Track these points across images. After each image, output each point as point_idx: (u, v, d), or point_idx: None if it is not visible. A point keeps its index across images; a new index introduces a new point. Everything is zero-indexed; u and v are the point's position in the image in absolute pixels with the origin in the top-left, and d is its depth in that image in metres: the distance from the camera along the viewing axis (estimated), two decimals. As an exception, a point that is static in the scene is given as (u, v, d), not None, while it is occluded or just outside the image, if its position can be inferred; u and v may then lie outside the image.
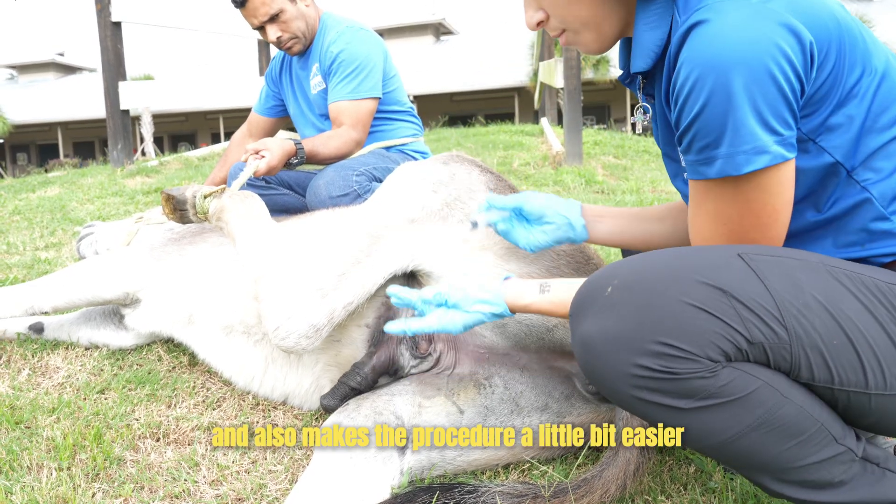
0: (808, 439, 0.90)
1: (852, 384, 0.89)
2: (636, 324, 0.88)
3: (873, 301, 0.90)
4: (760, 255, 0.92)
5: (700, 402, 0.88)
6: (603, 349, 0.90)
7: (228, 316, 1.62)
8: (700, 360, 0.86)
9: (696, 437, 0.91)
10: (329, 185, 2.16)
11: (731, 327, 0.86)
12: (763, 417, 0.89)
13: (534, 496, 1.15)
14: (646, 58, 1.05)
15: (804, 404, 0.90)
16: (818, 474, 0.91)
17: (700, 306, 0.86)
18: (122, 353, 1.87)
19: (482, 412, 1.30)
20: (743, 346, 0.87)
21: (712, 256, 0.92)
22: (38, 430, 1.46)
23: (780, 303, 0.87)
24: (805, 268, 0.91)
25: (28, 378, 1.74)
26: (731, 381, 0.88)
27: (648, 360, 0.87)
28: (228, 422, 1.55)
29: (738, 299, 0.87)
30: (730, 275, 0.89)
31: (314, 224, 1.67)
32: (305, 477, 1.20)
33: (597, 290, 0.94)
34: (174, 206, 1.70)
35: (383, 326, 1.42)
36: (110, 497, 1.25)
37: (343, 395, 1.37)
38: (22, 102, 23.75)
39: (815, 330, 0.87)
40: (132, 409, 1.58)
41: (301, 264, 1.36)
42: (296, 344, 1.31)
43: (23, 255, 2.83)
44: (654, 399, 0.89)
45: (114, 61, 4.84)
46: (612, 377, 0.90)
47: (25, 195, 4.25)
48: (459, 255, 1.36)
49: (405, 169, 1.48)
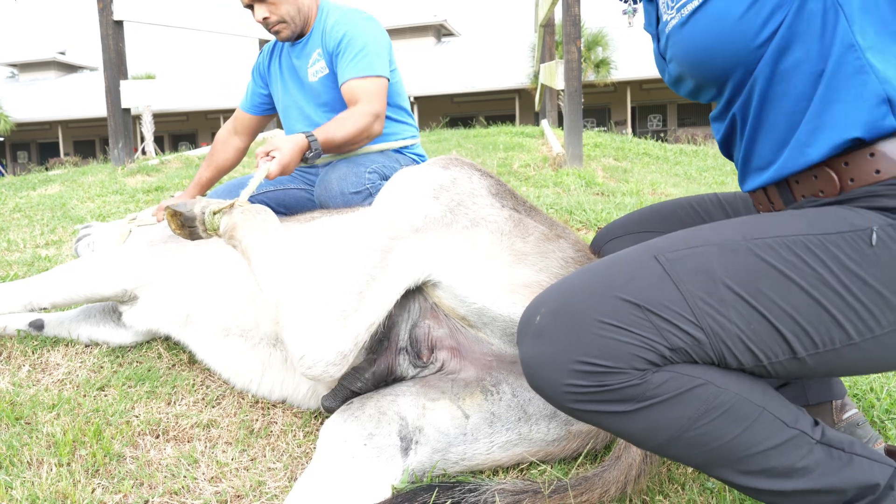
0: (753, 425, 0.92)
1: (780, 357, 0.91)
2: (562, 348, 0.93)
3: (797, 264, 0.91)
4: (675, 252, 0.95)
5: (639, 404, 0.92)
6: (539, 372, 0.96)
7: (226, 318, 1.62)
8: (626, 371, 0.90)
9: (645, 437, 0.94)
10: (342, 181, 2.12)
11: (649, 339, 0.90)
12: (703, 408, 0.91)
13: (533, 493, 1.15)
14: None
15: (741, 392, 0.92)
16: (777, 461, 0.93)
17: (617, 324, 0.91)
18: (122, 351, 1.87)
19: (488, 418, 1.29)
20: (666, 353, 0.91)
21: (630, 265, 0.96)
22: (39, 426, 1.46)
23: (693, 306, 0.91)
24: (721, 254, 0.94)
25: (28, 374, 1.75)
26: (664, 383, 0.91)
27: (577, 379, 0.92)
28: (228, 419, 1.55)
29: (653, 311, 0.91)
30: (645, 284, 0.93)
31: (324, 237, 1.64)
32: (306, 474, 1.20)
33: (530, 318, 0.99)
34: (181, 222, 1.66)
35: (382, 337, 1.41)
36: (110, 493, 1.25)
37: (344, 397, 1.37)
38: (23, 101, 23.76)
39: (732, 322, 0.90)
40: (132, 406, 1.58)
41: (320, 286, 1.32)
42: (323, 372, 1.27)
43: (23, 252, 2.83)
44: (595, 408, 0.93)
45: (115, 60, 4.85)
46: (552, 395, 0.95)
47: (26, 193, 4.25)
48: (468, 265, 1.33)
49: (404, 175, 1.45)
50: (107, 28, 4.80)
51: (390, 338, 1.41)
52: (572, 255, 1.39)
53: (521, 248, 1.36)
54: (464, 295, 1.31)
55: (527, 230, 1.40)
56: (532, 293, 1.30)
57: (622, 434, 0.96)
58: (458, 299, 1.32)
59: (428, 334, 1.38)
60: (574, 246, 1.42)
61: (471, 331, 1.35)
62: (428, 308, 1.39)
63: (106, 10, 4.78)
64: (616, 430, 0.96)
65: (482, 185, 1.44)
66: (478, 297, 1.31)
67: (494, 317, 1.30)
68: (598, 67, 17.75)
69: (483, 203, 1.41)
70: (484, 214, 1.39)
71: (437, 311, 1.39)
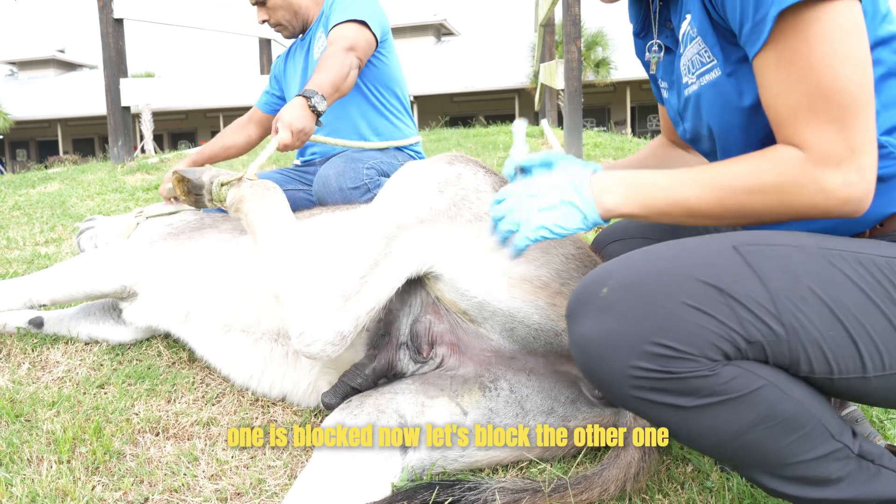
0: (806, 435, 0.90)
1: (850, 371, 0.89)
2: (633, 325, 0.87)
3: (871, 282, 0.89)
4: (756, 246, 0.91)
5: (702, 400, 0.88)
6: (600, 352, 0.90)
7: (227, 314, 1.62)
8: (698, 359, 0.86)
9: (699, 434, 0.91)
10: (340, 177, 2.13)
11: (729, 327, 0.86)
12: (765, 413, 0.89)
13: (533, 492, 1.15)
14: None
15: (804, 400, 0.90)
16: (815, 471, 0.92)
17: (697, 306, 0.86)
18: (122, 349, 1.88)
19: (486, 414, 1.30)
20: (741, 346, 0.87)
21: (709, 251, 0.91)
22: (38, 424, 1.46)
23: (776, 299, 0.87)
24: (801, 255, 0.90)
25: (28, 372, 1.75)
26: (732, 379, 0.87)
27: (646, 362, 0.87)
28: (228, 417, 1.55)
29: (735, 298, 0.86)
30: (726, 272, 0.88)
31: (328, 223, 1.65)
32: (306, 472, 1.21)
33: (593, 291, 0.92)
34: (188, 188, 1.64)
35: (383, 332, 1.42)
36: (110, 490, 1.25)
37: (344, 394, 1.37)
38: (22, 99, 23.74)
39: (812, 323, 0.87)
40: (132, 404, 1.58)
41: (324, 266, 1.33)
42: (321, 351, 1.27)
43: (22, 250, 2.83)
44: (655, 398, 0.89)
45: (115, 58, 4.85)
46: (612, 378, 0.90)
47: (25, 191, 4.25)
48: (470, 258, 1.34)
49: (410, 169, 1.46)
50: (107, 26, 4.80)
51: (391, 333, 1.41)
52: (573, 252, 1.39)
53: None
54: (465, 288, 1.32)
55: None
56: (533, 288, 1.31)
57: (676, 431, 0.93)
58: (459, 293, 1.33)
59: (429, 329, 1.39)
60: (575, 244, 1.43)
61: (471, 326, 1.36)
62: (430, 302, 1.40)
63: (106, 8, 4.78)
64: (670, 425, 0.92)
65: (486, 181, 1.45)
66: (479, 290, 1.31)
67: (494, 311, 1.31)
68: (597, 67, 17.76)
69: (487, 199, 1.41)
70: (487, 209, 1.40)
71: (438, 306, 1.39)
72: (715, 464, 1.32)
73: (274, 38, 6.82)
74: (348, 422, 1.26)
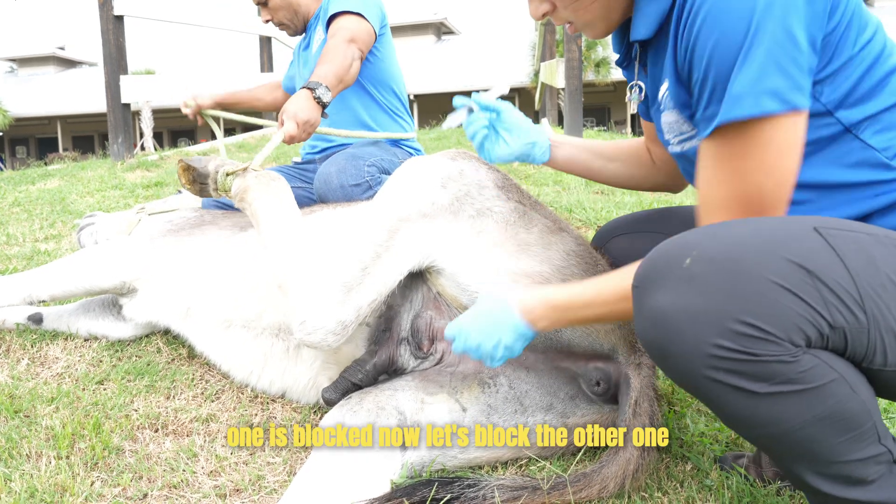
0: (860, 435, 0.88)
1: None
2: (719, 301, 0.83)
3: None
4: (836, 230, 0.88)
5: (775, 388, 0.84)
6: (679, 326, 0.85)
7: (228, 309, 1.62)
8: (783, 343, 0.83)
9: (763, 423, 0.88)
10: (341, 174, 2.13)
11: (816, 311, 0.83)
12: (832, 409, 0.85)
13: (532, 489, 1.15)
14: (648, 25, 1.05)
15: (867, 400, 0.88)
16: (858, 471, 0.89)
17: (787, 286, 0.82)
18: (121, 345, 1.87)
19: (485, 410, 1.30)
20: (825, 331, 0.84)
21: (791, 230, 0.87)
22: (38, 419, 1.46)
23: (860, 285, 0.84)
24: (877, 243, 0.88)
25: (27, 368, 1.75)
26: (810, 369, 0.84)
27: (729, 341, 0.83)
28: (227, 414, 1.55)
29: (823, 281, 0.83)
30: (812, 253, 0.85)
31: (332, 216, 1.66)
32: (305, 468, 1.21)
33: (673, 261, 0.88)
34: (194, 177, 1.64)
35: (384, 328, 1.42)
36: (109, 486, 1.25)
37: (345, 389, 1.37)
38: (22, 96, 23.71)
39: (891, 312, 0.85)
40: (131, 400, 1.58)
41: (327, 257, 1.34)
42: (322, 340, 1.28)
43: (22, 246, 2.83)
44: (729, 381, 0.85)
45: (115, 55, 4.84)
46: (687, 355, 0.86)
47: (25, 187, 4.25)
48: (472, 252, 1.35)
49: (413, 164, 1.47)
50: (107, 23, 4.79)
51: (392, 328, 1.41)
52: (574, 248, 1.40)
53: (524, 238, 1.37)
54: (466, 283, 1.32)
55: (531, 221, 1.41)
56: (533, 283, 1.31)
57: (736, 417, 0.89)
58: (460, 287, 1.33)
59: (430, 325, 1.39)
60: (576, 240, 1.43)
61: None
62: (431, 298, 1.40)
63: (106, 5, 4.77)
64: (735, 411, 0.88)
65: (489, 177, 1.46)
66: (480, 285, 1.31)
67: None
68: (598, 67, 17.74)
69: (489, 194, 1.42)
70: (490, 205, 1.41)
71: (439, 301, 1.39)
72: (714, 462, 1.32)
73: (274, 36, 6.81)
74: (348, 420, 1.26)
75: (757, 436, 0.91)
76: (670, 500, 1.22)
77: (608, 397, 1.33)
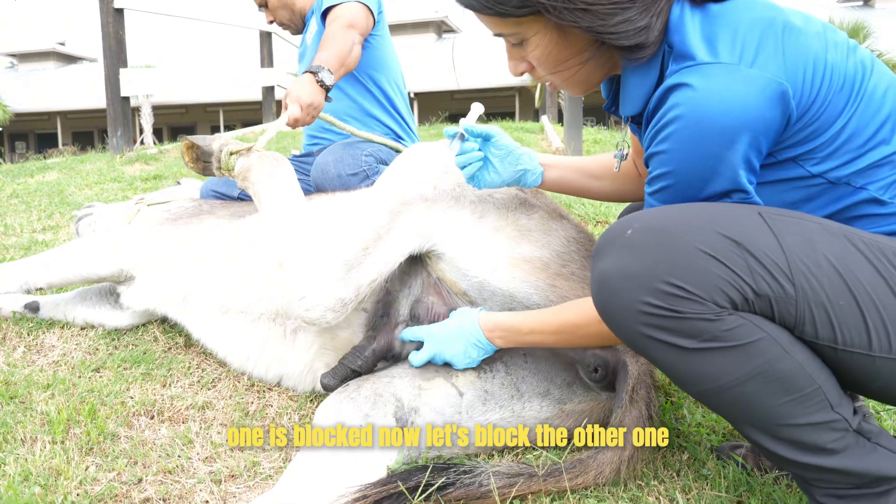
0: (803, 398, 0.92)
1: (855, 345, 0.91)
2: (649, 263, 0.92)
3: (889, 268, 0.92)
4: (780, 216, 0.95)
5: (703, 344, 0.92)
6: (616, 286, 0.94)
7: (225, 295, 1.62)
8: (706, 302, 0.90)
9: (697, 379, 0.94)
10: (339, 163, 2.13)
11: (740, 276, 0.90)
12: (762, 367, 0.91)
13: (528, 476, 1.15)
14: (636, 104, 1.08)
15: (804, 363, 0.92)
16: (810, 437, 0.93)
17: (712, 254, 0.90)
18: (118, 334, 1.87)
19: (482, 395, 1.30)
20: (749, 297, 0.91)
21: (734, 211, 0.95)
22: (33, 405, 1.46)
23: (791, 259, 0.90)
24: (823, 231, 0.94)
25: (23, 355, 1.74)
26: (735, 328, 0.91)
27: (656, 299, 0.91)
28: (223, 401, 1.55)
29: (750, 252, 0.90)
30: (746, 229, 0.92)
31: (334, 199, 1.66)
32: (301, 455, 1.20)
33: (618, 232, 0.97)
34: (197, 155, 1.64)
35: (381, 313, 1.42)
36: (104, 471, 1.25)
37: (343, 375, 1.37)
38: (22, 91, 23.67)
39: (823, 288, 0.90)
40: (127, 388, 1.58)
41: (328, 235, 1.35)
42: (320, 316, 1.30)
43: (20, 236, 2.82)
44: (659, 337, 0.93)
45: (115, 48, 4.83)
46: (623, 313, 0.95)
47: (24, 179, 4.24)
48: (473, 237, 1.35)
49: (416, 149, 1.48)
50: (107, 16, 4.78)
51: (390, 314, 1.41)
52: (574, 235, 1.40)
53: (525, 223, 1.37)
54: (466, 268, 1.33)
55: (531, 208, 1.41)
56: (533, 268, 1.31)
57: (674, 373, 0.96)
58: (460, 272, 1.33)
59: (431, 310, 1.39)
60: (577, 227, 1.43)
61: (471, 307, 1.36)
62: (431, 283, 1.40)
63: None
64: (671, 367, 0.95)
65: None
66: (480, 270, 1.32)
67: (494, 291, 1.31)
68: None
69: None
70: (491, 191, 1.40)
71: (440, 287, 1.39)
72: (711, 451, 1.32)
73: (275, 32, 6.80)
74: (345, 404, 1.26)
75: (697, 393, 0.97)
76: (666, 489, 1.22)
77: (605, 384, 1.33)
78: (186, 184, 2.84)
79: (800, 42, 0.96)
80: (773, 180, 1.03)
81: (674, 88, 0.97)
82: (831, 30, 1.02)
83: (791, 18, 0.99)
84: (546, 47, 1.06)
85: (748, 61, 0.93)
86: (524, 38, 1.07)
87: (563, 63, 1.08)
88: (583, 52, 1.06)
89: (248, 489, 1.23)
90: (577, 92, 1.16)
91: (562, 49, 1.06)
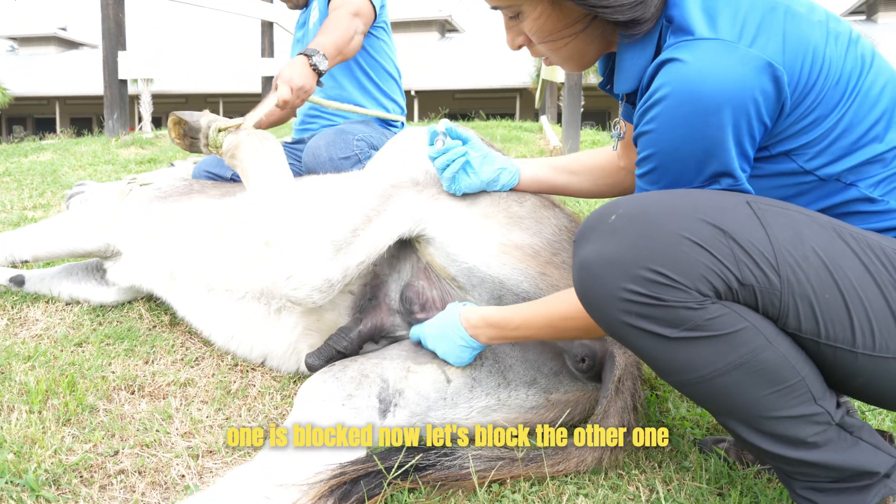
0: (786, 390, 0.91)
1: (839, 340, 0.90)
2: (632, 249, 0.90)
3: (876, 264, 0.90)
4: (769, 206, 0.93)
5: (685, 333, 0.90)
6: (598, 272, 0.92)
7: (212, 273, 1.60)
8: (689, 290, 0.88)
9: (679, 369, 0.92)
10: (331, 147, 2.11)
11: (724, 265, 0.88)
12: (745, 358, 0.89)
13: (509, 460, 1.14)
14: (630, 81, 1.07)
15: (788, 354, 0.90)
16: (792, 430, 0.92)
17: (696, 241, 0.88)
18: (103, 310, 1.85)
19: (469, 383, 1.29)
20: (733, 286, 0.89)
21: (721, 200, 0.93)
22: (12, 375, 1.44)
23: (777, 250, 0.89)
24: (811, 223, 0.93)
25: (6, 328, 1.72)
26: (718, 317, 0.89)
27: (638, 286, 0.89)
28: (206, 379, 1.53)
29: (736, 240, 0.89)
30: (733, 218, 0.90)
31: (323, 180, 1.65)
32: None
33: (601, 218, 0.96)
34: (184, 131, 1.62)
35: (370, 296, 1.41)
36: (80, 441, 1.23)
37: (329, 356, 1.36)
38: (22, 75, 23.58)
39: (809, 281, 0.88)
40: (109, 363, 1.56)
41: (316, 214, 1.33)
42: (307, 297, 1.28)
43: (10, 213, 2.80)
44: (641, 325, 0.91)
45: (114, 30, 4.80)
46: (604, 300, 0.93)
47: (17, 159, 4.21)
48: (463, 223, 1.34)
49: (409, 133, 1.47)
50: (107, -2, 4.75)
51: (378, 297, 1.40)
52: (566, 224, 1.39)
53: (516, 211, 1.36)
54: (455, 253, 1.31)
55: (524, 196, 1.40)
56: (524, 255, 1.30)
57: (656, 362, 0.94)
58: (449, 258, 1.32)
59: (420, 293, 1.38)
60: (568, 217, 1.42)
61: (459, 293, 1.35)
62: (420, 268, 1.39)
63: (107, -20, 4.73)
64: (652, 356, 0.94)
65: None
66: (468, 255, 1.30)
67: (483, 277, 1.30)
68: (600, 70, 17.74)
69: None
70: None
71: (429, 272, 1.38)
72: (693, 445, 1.31)
73: (276, 22, 6.78)
74: (329, 383, 1.24)
75: (679, 383, 0.95)
76: (647, 478, 1.21)
77: (592, 374, 1.32)
78: (180, 166, 2.82)
79: (801, 29, 0.94)
80: (766, 174, 1.01)
81: (665, 63, 0.95)
82: (834, 19, 1.01)
83: (793, 5, 0.97)
84: (538, 18, 1.05)
85: (748, 40, 0.91)
86: (520, 11, 1.07)
87: (556, 34, 1.06)
88: (575, 23, 1.05)
89: (226, 465, 1.22)
90: (573, 67, 1.14)
91: (555, 20, 1.05)
